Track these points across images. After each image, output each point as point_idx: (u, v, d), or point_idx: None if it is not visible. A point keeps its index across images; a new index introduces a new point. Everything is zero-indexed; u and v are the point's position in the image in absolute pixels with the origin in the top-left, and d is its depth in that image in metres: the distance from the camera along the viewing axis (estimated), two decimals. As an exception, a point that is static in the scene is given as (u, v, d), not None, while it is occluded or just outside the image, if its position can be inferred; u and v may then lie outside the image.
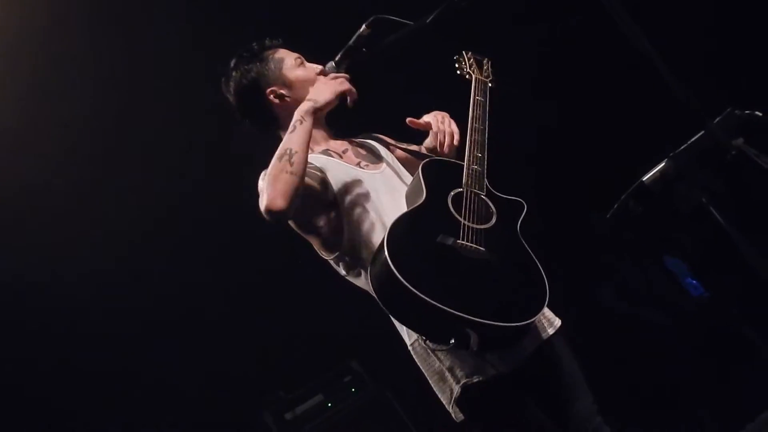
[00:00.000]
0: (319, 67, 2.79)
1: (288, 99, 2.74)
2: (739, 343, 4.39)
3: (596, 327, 4.85)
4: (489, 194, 2.52)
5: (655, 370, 4.81)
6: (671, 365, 4.83)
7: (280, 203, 2.36)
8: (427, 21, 2.70)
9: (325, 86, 2.64)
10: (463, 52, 2.96)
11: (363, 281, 2.55)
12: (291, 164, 2.41)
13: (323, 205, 2.58)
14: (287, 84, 2.75)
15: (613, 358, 4.79)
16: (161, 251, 4.72)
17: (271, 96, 2.75)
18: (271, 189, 2.38)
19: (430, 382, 2.57)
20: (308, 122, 2.53)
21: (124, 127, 4.50)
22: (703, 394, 4.64)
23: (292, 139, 2.48)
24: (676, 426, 4.63)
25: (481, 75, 2.88)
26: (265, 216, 2.40)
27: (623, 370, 4.76)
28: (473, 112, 2.70)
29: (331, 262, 2.64)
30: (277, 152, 2.45)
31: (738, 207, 2.47)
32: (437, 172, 2.55)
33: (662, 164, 2.54)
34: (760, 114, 2.48)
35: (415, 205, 2.44)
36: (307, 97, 2.61)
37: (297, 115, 2.54)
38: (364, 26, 2.74)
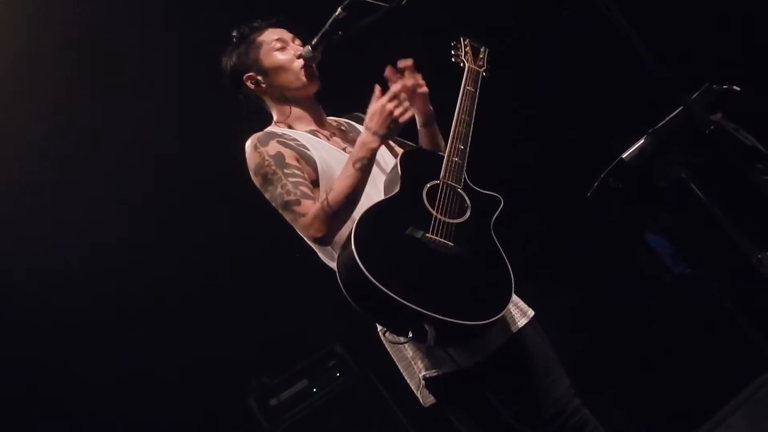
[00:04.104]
0: (300, 50, 2.71)
1: (264, 86, 2.71)
2: (720, 319, 4.42)
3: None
4: (466, 188, 2.48)
5: (635, 347, 4.84)
6: (651, 342, 4.86)
7: (328, 240, 2.41)
8: (403, 2, 2.66)
9: (389, 118, 2.44)
10: (461, 38, 2.87)
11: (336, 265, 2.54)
12: (353, 209, 2.40)
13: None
14: (263, 70, 2.70)
15: (593, 336, 4.84)
16: (136, 238, 4.69)
17: (248, 82, 2.72)
18: (329, 224, 2.38)
19: (399, 367, 2.60)
20: (372, 161, 2.44)
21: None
22: (682, 371, 4.67)
23: (360, 180, 2.41)
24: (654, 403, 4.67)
25: (475, 64, 2.79)
26: (307, 238, 2.47)
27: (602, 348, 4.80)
28: (461, 102, 2.63)
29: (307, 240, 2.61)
30: (347, 187, 2.39)
31: (717, 181, 2.48)
32: (416, 163, 2.52)
33: (641, 141, 2.55)
34: (738, 88, 2.49)
35: (389, 196, 2.42)
36: (370, 128, 2.44)
37: (364, 151, 2.42)
38: (339, 9, 2.70)
